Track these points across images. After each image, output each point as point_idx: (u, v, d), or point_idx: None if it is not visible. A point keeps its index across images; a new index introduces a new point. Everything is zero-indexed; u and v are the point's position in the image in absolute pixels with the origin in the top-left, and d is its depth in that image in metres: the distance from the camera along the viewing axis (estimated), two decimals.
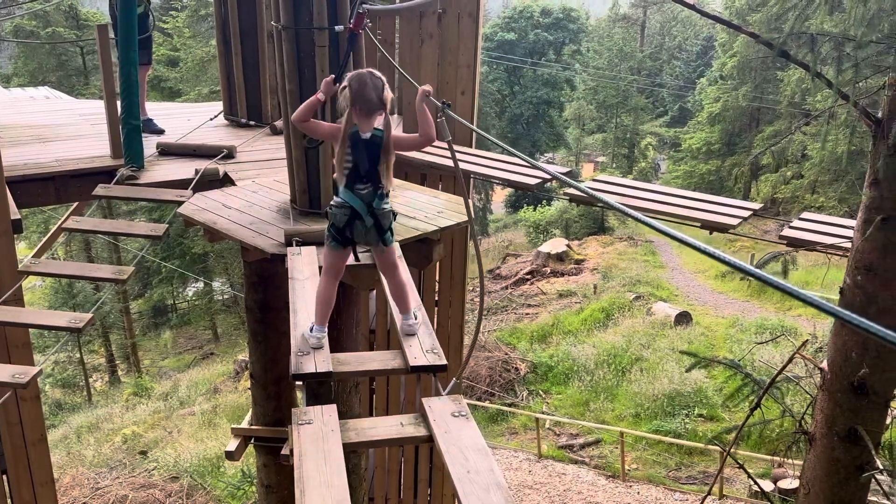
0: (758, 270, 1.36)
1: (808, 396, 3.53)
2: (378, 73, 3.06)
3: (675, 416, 14.18)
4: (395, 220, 3.18)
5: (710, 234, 4.45)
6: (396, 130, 6.16)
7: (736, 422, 13.24)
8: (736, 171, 30.87)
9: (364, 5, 3.92)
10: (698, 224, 4.50)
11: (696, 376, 14.26)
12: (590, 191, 2.16)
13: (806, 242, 4.06)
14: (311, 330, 3.16)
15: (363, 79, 2.97)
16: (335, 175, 3.09)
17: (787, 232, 4.31)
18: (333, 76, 3.26)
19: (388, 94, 3.02)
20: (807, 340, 3.84)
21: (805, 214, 4.63)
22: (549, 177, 6.12)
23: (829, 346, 3.34)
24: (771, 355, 14.25)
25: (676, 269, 24.31)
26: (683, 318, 18.32)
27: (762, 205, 5.18)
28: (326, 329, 3.16)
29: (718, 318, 18.85)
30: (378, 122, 3.01)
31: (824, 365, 3.33)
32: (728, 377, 13.69)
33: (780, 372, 3.41)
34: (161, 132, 6.48)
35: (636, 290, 20.89)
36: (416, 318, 3.29)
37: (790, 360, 3.49)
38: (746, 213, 4.55)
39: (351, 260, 3.36)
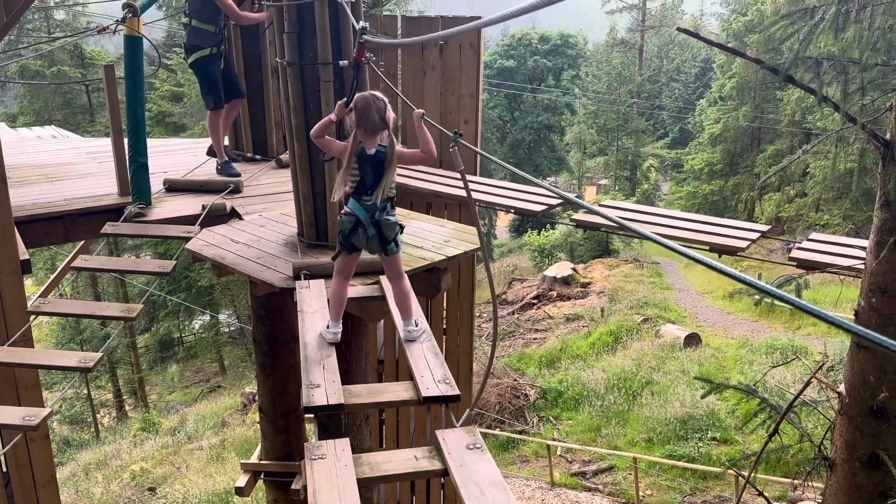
0: (781, 293, 1.34)
1: (827, 420, 3.48)
2: (380, 95, 3.35)
3: (689, 439, 14.01)
4: (401, 232, 3.44)
5: (720, 256, 4.43)
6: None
7: (750, 444, 13.07)
8: (745, 195, 30.88)
9: (365, 36, 3.98)
10: (707, 247, 4.49)
11: (709, 399, 14.11)
12: (603, 212, 2.16)
13: (816, 264, 4.04)
14: (328, 327, 3.49)
15: (367, 101, 3.26)
16: (346, 188, 3.37)
17: (796, 253, 4.29)
18: (345, 99, 3.54)
19: (391, 115, 3.31)
20: (823, 364, 3.79)
21: (814, 235, 4.61)
22: (555, 202, 6.13)
23: (845, 370, 3.30)
24: (783, 375, 14.11)
25: (683, 291, 24.21)
26: (693, 340, 18.20)
27: (770, 226, 5.16)
28: (341, 324, 3.49)
29: (728, 339, 18.70)
30: (382, 139, 3.29)
31: (842, 389, 3.29)
32: (741, 399, 13.55)
33: (797, 397, 3.36)
34: (237, 175, 6.26)
35: (644, 313, 20.79)
36: (416, 325, 3.50)
37: (807, 385, 3.44)
38: (755, 235, 4.54)
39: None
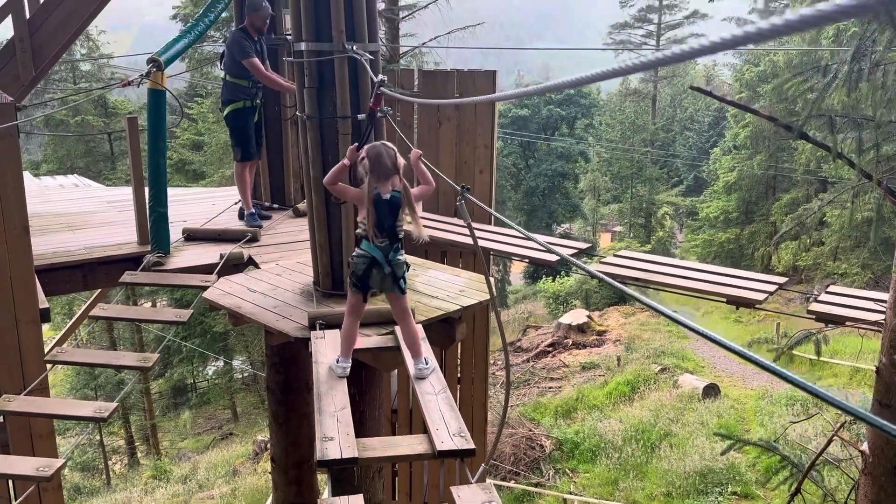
0: (778, 368, 1.33)
1: (850, 479, 3.39)
2: (390, 144, 3.64)
3: (709, 493, 13.66)
4: (408, 270, 3.68)
5: (737, 308, 4.39)
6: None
7: (772, 500, 12.72)
8: (761, 245, 30.71)
9: (382, 88, 4.08)
10: (724, 299, 4.45)
11: (729, 452, 13.80)
12: (605, 278, 2.15)
13: (835, 318, 3.99)
14: (338, 361, 3.69)
15: (378, 150, 3.52)
16: (359, 231, 3.61)
17: (814, 307, 4.24)
18: (357, 144, 3.85)
19: (401, 161, 3.56)
20: (845, 421, 3.71)
21: (832, 288, 4.57)
22: (569, 253, 6.13)
23: (868, 429, 3.23)
24: (804, 428, 13.80)
25: (701, 340, 23.88)
26: (711, 391, 17.90)
27: (787, 277, 5.12)
28: (350, 360, 3.71)
29: (747, 391, 18.38)
30: (395, 184, 3.52)
31: (865, 447, 3.21)
32: (762, 453, 13.25)
33: (818, 455, 3.29)
34: (260, 226, 6.40)
35: (661, 362, 20.52)
36: (426, 364, 3.67)
37: (829, 443, 3.37)
38: (772, 288, 4.51)
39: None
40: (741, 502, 13.38)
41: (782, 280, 4.69)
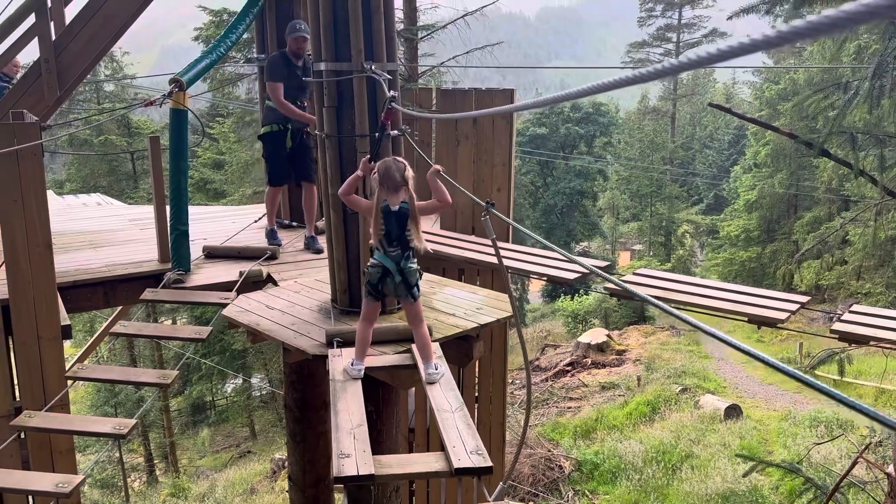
0: (808, 377, 1.31)
1: (876, 502, 3.31)
2: (400, 159, 3.85)
3: None
4: (420, 277, 3.83)
5: (759, 328, 4.34)
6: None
7: None
8: (783, 263, 30.36)
9: (393, 103, 4.13)
10: (745, 318, 4.40)
11: (751, 474, 13.56)
12: (628, 286, 2.14)
13: (859, 337, 3.92)
14: (352, 364, 3.85)
15: (388, 164, 3.71)
16: (372, 242, 3.81)
17: (838, 326, 4.18)
18: (369, 156, 4.04)
19: (410, 173, 3.73)
20: (870, 442, 3.64)
21: (855, 307, 4.50)
22: (586, 271, 6.09)
23: (894, 449, 3.16)
24: (828, 450, 13.54)
25: (723, 360, 23.62)
26: (733, 412, 17.64)
27: (809, 296, 5.05)
28: (364, 363, 3.87)
29: (770, 412, 18.09)
30: (403, 196, 3.69)
31: (891, 469, 3.14)
32: (785, 475, 13.01)
33: (843, 477, 3.22)
34: (279, 244, 6.42)
35: (682, 382, 20.28)
36: (437, 369, 3.80)
37: (854, 465, 3.30)
38: (794, 307, 4.44)
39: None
40: None
41: (805, 299, 4.63)
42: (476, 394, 7.33)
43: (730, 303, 4.66)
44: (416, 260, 3.82)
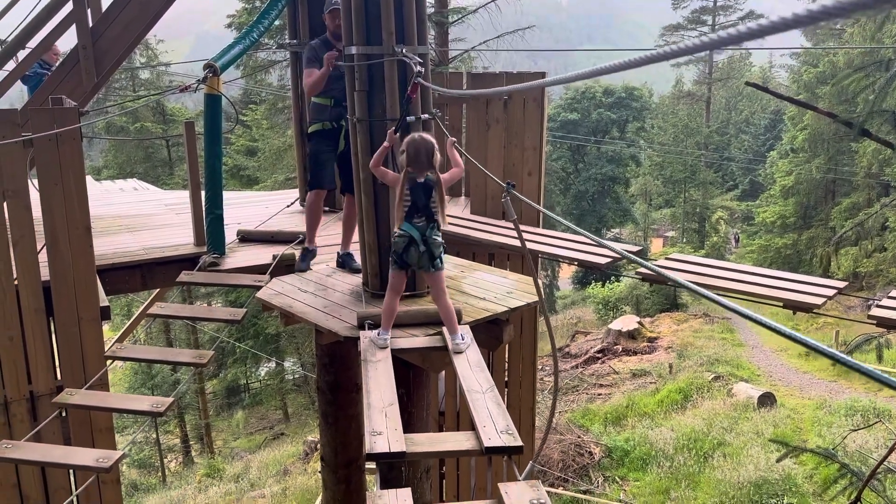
0: (847, 357, 1.29)
1: None
2: (429, 138, 3.92)
3: None
4: (444, 250, 3.97)
5: (794, 314, 4.27)
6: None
7: None
8: (820, 250, 29.75)
9: (419, 78, 4.15)
10: (780, 304, 4.33)
11: (785, 462, 13.38)
12: (662, 271, 2.12)
13: None
14: (378, 334, 3.98)
15: (417, 146, 3.83)
16: (395, 220, 3.96)
17: (875, 311, 4.09)
18: (394, 128, 4.18)
19: (437, 157, 3.86)
20: None
21: (894, 292, 4.40)
22: (618, 255, 6.05)
23: None
24: (864, 439, 13.31)
25: (757, 348, 23.30)
26: (767, 400, 17.41)
27: (847, 282, 4.95)
28: (390, 332, 3.99)
29: (804, 400, 17.82)
30: (429, 172, 3.86)
31: None
32: (819, 464, 12.83)
33: (880, 463, 3.17)
34: (358, 271, 5.20)
35: (714, 370, 20.06)
36: (463, 339, 3.92)
37: (891, 451, 3.25)
38: (831, 292, 4.37)
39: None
40: None
41: (842, 284, 4.54)
42: (506, 378, 7.34)
43: (765, 287, 4.59)
44: (440, 233, 3.92)
